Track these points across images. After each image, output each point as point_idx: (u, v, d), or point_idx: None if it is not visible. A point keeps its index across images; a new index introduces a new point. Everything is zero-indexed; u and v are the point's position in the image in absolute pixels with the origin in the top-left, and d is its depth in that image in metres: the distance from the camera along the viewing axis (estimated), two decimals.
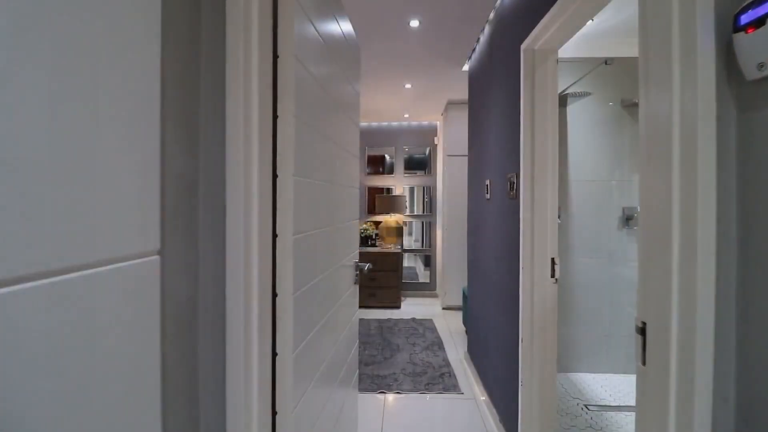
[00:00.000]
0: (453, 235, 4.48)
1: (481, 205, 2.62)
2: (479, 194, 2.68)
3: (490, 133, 2.37)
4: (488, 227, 2.41)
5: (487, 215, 2.42)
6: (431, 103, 4.33)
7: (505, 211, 2.02)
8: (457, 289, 4.48)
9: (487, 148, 2.42)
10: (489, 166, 2.39)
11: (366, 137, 5.16)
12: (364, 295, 4.61)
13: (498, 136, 2.17)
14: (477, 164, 2.75)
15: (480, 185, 2.64)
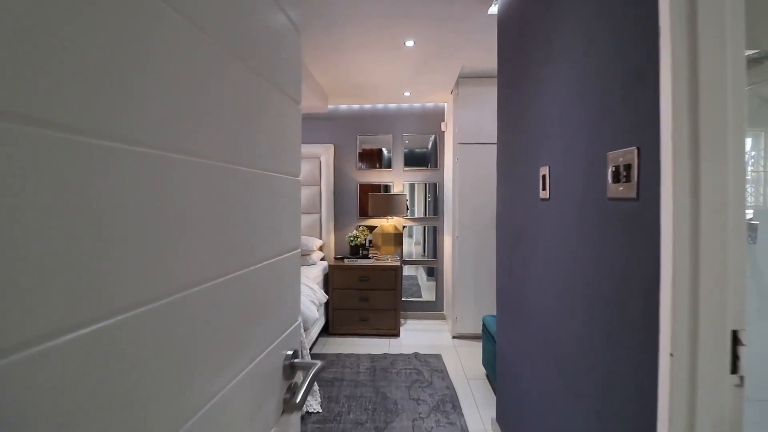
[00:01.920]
0: (467, 245, 3.53)
1: (527, 208, 1.66)
2: (522, 192, 1.72)
3: (549, 94, 1.42)
4: (545, 244, 1.46)
5: (544, 225, 1.47)
6: (438, 76, 3.37)
7: (597, 221, 1.07)
8: (473, 314, 3.52)
9: (544, 118, 1.47)
10: (547, 147, 1.44)
11: (357, 124, 4.21)
12: (353, 321, 3.65)
13: (576, 92, 1.22)
14: (518, 147, 1.80)
15: (524, 178, 1.69)
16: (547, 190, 1.43)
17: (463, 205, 3.54)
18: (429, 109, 4.18)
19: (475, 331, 3.53)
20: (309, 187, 4.13)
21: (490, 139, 3.52)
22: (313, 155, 4.13)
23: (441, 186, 4.17)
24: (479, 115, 3.52)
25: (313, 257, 3.79)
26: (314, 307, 2.82)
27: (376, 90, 3.70)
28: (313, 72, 3.25)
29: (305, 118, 4.23)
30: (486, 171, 3.52)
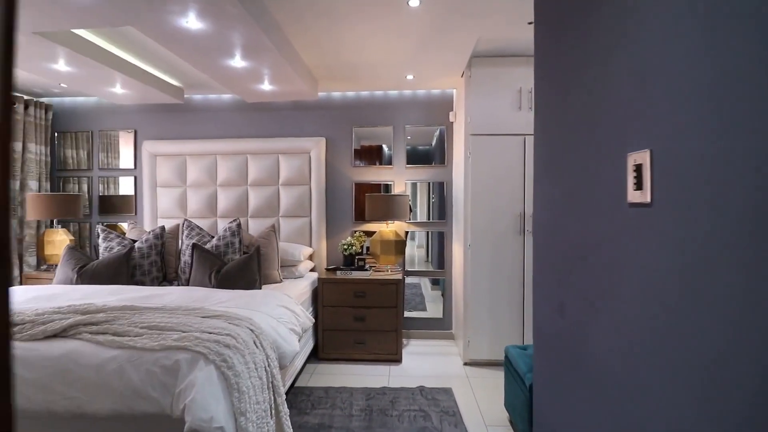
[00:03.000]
0: (482, 255, 2.97)
1: (599, 217, 1.10)
2: (587, 193, 1.16)
3: (654, 30, 0.86)
4: (641, 277, 0.90)
5: (636, 245, 0.92)
6: (448, 54, 2.82)
7: None
8: (489, 338, 2.97)
9: (642, 74, 0.91)
10: (646, 120, 0.88)
11: (352, 113, 3.65)
12: (347, 343, 3.10)
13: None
14: (578, 127, 1.23)
15: (591, 173, 1.13)
16: (647, 190, 0.87)
17: (477, 208, 2.99)
18: (435, 96, 3.62)
19: (490, 358, 2.98)
20: (297, 187, 3.58)
21: (508, 129, 2.97)
22: (302, 150, 3.57)
23: (449, 185, 3.62)
24: (496, 101, 2.97)
25: (301, 269, 3.24)
26: (295, 337, 2.26)
27: (374, 72, 3.14)
28: (298, 48, 2.69)
29: (291, 106, 3.68)
30: (505, 167, 2.97)
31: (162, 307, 2.02)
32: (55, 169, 3.86)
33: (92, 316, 1.84)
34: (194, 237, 2.92)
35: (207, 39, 2.13)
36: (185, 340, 1.67)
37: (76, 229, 3.83)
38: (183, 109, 3.74)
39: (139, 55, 2.83)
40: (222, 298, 2.27)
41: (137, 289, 2.45)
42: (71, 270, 2.66)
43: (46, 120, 3.73)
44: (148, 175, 3.67)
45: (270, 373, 1.85)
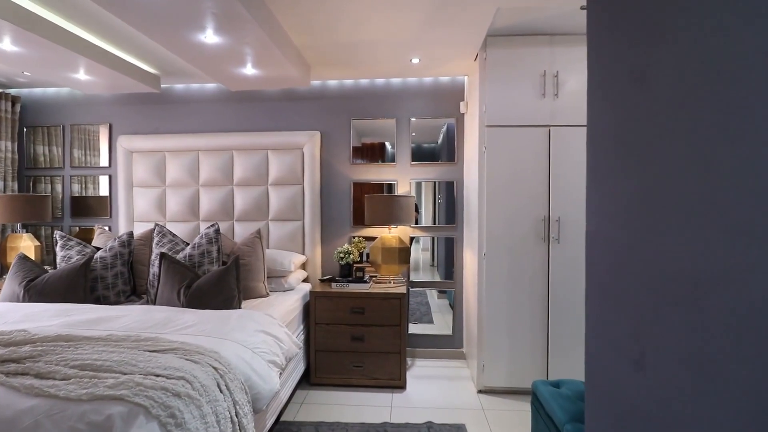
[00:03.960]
0: (499, 266, 2.56)
1: (736, 238, 0.68)
2: (697, 201, 0.74)
3: None
4: None
5: None
6: (459, 33, 2.40)
7: None
8: (507, 362, 2.55)
9: None
10: None
11: (350, 104, 3.25)
12: (343, 366, 2.70)
13: None
14: (698, 106, 0.81)
15: (717, 168, 0.71)
16: None
17: (493, 211, 2.57)
18: (444, 84, 3.21)
19: (509, 386, 2.57)
20: (288, 187, 3.18)
21: (530, 119, 2.55)
22: (294, 145, 3.18)
23: (460, 185, 3.20)
24: (515, 88, 2.55)
25: (291, 280, 2.84)
26: (275, 372, 1.86)
27: (375, 55, 2.73)
28: (286, 27, 2.29)
29: (281, 96, 3.28)
30: (526, 163, 2.55)
31: (107, 336, 1.63)
32: (24, 167, 3.49)
33: (15, 350, 1.46)
34: (165, 245, 2.53)
35: (165, 2, 1.74)
36: (122, 387, 1.28)
37: (48, 233, 3.47)
38: (161, 100, 3.36)
39: (104, 36, 2.45)
40: (188, 321, 1.88)
41: (87, 309, 2.06)
42: (18, 284, 2.28)
43: (14, 113, 3.36)
44: (123, 174, 3.29)
45: (238, 424, 1.45)
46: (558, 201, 2.52)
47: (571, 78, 2.54)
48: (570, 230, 2.52)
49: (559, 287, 2.52)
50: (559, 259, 2.52)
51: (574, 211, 2.52)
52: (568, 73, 2.54)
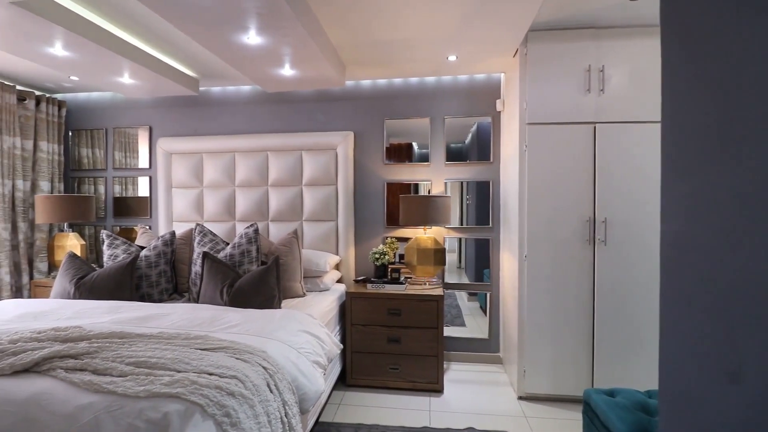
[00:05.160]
0: (542, 268, 2.48)
1: None
2: None
3: None
4: None
5: None
6: (498, 28, 2.34)
7: None
8: (550, 368, 2.46)
9: None
10: None
11: (384, 104, 3.23)
12: (380, 368, 2.67)
13: None
14: None
15: None
16: None
17: (534, 212, 2.49)
18: (479, 82, 3.15)
19: (553, 393, 2.47)
20: (322, 188, 3.18)
21: (574, 116, 2.46)
22: (328, 146, 3.18)
23: (496, 185, 3.13)
24: (558, 84, 2.47)
25: (326, 281, 2.83)
26: (320, 372, 1.85)
27: (411, 53, 2.70)
28: (323, 23, 2.29)
29: (315, 97, 3.29)
30: (570, 161, 2.46)
31: (158, 334, 1.65)
32: (69, 169, 3.63)
33: (72, 346, 1.49)
34: (206, 244, 2.57)
35: (213, 5, 1.76)
36: (178, 385, 1.28)
37: (92, 233, 3.59)
38: (199, 102, 3.43)
39: (147, 40, 2.51)
40: (232, 320, 1.89)
41: (136, 306, 2.10)
42: (69, 281, 2.36)
43: (60, 117, 3.50)
44: (163, 175, 3.38)
45: (287, 424, 1.44)
46: (605, 201, 2.42)
47: (618, 72, 2.43)
48: (618, 232, 2.41)
49: (606, 292, 2.42)
50: (606, 262, 2.42)
51: (624, 212, 2.41)
52: (615, 67, 2.43)
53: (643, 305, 2.38)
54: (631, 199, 2.40)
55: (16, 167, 3.11)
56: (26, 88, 3.34)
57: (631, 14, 2.33)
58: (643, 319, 2.39)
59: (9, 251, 3.05)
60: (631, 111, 2.42)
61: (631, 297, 2.40)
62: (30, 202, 3.24)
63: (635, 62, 2.42)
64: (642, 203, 2.39)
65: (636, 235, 2.39)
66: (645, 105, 2.41)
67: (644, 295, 2.38)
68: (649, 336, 2.38)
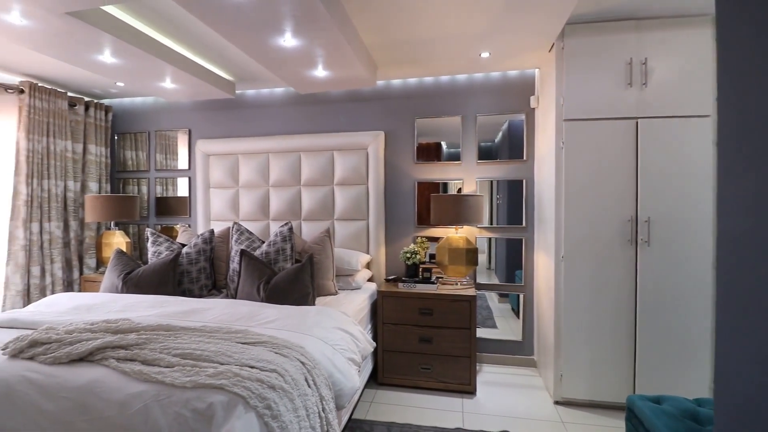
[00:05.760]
0: (580, 270, 2.40)
1: None
2: None
3: None
4: None
5: None
6: (534, 22, 2.28)
7: None
8: (588, 372, 2.38)
9: None
10: None
11: (414, 103, 3.22)
12: (411, 368, 2.66)
13: None
14: None
15: None
16: None
17: (572, 211, 2.42)
18: (512, 79, 3.08)
19: (591, 398, 2.39)
20: (353, 187, 3.21)
21: (614, 111, 2.38)
22: (359, 145, 3.20)
23: (530, 184, 3.05)
24: (597, 78, 2.38)
25: (358, 279, 2.86)
26: (355, 369, 1.86)
27: (444, 51, 2.68)
28: (356, 23, 2.31)
29: (346, 97, 3.33)
30: (610, 159, 2.37)
31: (201, 327, 1.72)
32: (115, 170, 3.83)
33: (123, 337, 1.57)
34: (243, 242, 2.65)
35: (251, 9, 1.81)
36: (222, 377, 1.33)
37: (135, 231, 3.77)
38: (235, 105, 3.54)
39: (188, 45, 2.62)
40: (270, 315, 1.94)
41: (179, 301, 2.19)
42: (117, 276, 2.49)
43: (106, 121, 3.71)
44: (201, 176, 3.51)
45: (325, 419, 1.46)
46: (648, 200, 2.31)
47: (661, 65, 2.32)
48: (663, 232, 2.30)
49: (649, 294, 2.31)
50: (649, 262, 2.31)
51: (669, 211, 2.29)
52: (658, 60, 2.33)
53: (691, 308, 2.26)
54: (677, 197, 2.29)
55: (67, 169, 3.32)
56: (76, 95, 3.55)
57: (674, 4, 2.22)
58: (690, 323, 2.27)
59: (61, 248, 3.26)
60: (676, 105, 2.31)
61: (677, 299, 2.28)
62: (80, 201, 3.44)
63: (680, 54, 2.30)
64: (689, 201, 2.27)
65: (683, 234, 2.28)
66: (691, 98, 2.29)
67: (692, 298, 2.26)
68: (696, 341, 2.26)
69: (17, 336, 1.64)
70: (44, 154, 3.11)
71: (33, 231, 3.02)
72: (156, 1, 2.08)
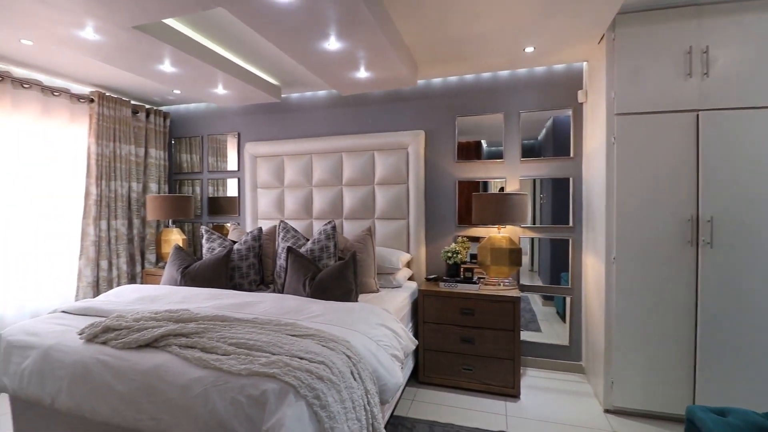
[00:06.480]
0: (633, 273, 2.28)
1: None
2: None
3: None
4: None
5: None
6: (583, 13, 2.19)
7: None
8: (644, 381, 2.26)
9: None
10: None
11: (455, 101, 3.20)
12: (453, 368, 2.65)
13: None
14: None
15: None
16: None
17: (624, 210, 2.30)
18: (558, 73, 2.98)
19: (645, 408, 2.26)
20: (393, 186, 3.24)
21: (672, 104, 2.25)
22: (399, 145, 3.23)
23: (577, 182, 2.94)
24: (652, 69, 2.26)
25: (399, 278, 2.88)
26: (398, 366, 1.89)
27: (486, 47, 2.64)
28: (397, 22, 2.33)
29: (386, 98, 3.36)
30: (667, 155, 2.24)
31: (253, 319, 1.81)
32: (173, 172, 4.10)
33: (183, 326, 1.69)
34: (289, 240, 2.75)
35: (298, 15, 1.88)
36: (274, 366, 1.39)
37: (190, 229, 4.02)
38: (281, 109, 3.68)
39: (237, 52, 2.76)
40: (315, 310, 2.01)
41: (232, 294, 2.32)
42: (176, 270, 2.68)
43: (165, 127, 3.98)
44: (249, 177, 3.68)
45: (370, 412, 1.49)
46: (711, 198, 2.16)
47: (725, 53, 2.16)
48: (728, 232, 2.13)
49: (712, 298, 2.15)
50: (713, 265, 2.16)
51: (736, 210, 2.13)
52: (722, 48, 2.16)
53: (760, 315, 2.09)
54: (744, 195, 2.12)
55: (131, 171, 3.60)
56: (138, 102, 3.84)
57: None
58: (758, 331, 2.09)
59: (126, 244, 3.54)
60: (741, 96, 2.14)
61: (744, 305, 2.11)
62: (142, 201, 3.72)
63: (746, 40, 2.13)
64: (758, 200, 2.10)
65: (750, 236, 2.10)
66: (759, 88, 2.11)
67: (761, 304, 2.09)
68: (766, 350, 2.08)
69: (92, 323, 1.81)
70: (111, 158, 3.40)
71: (102, 228, 3.31)
72: (209, 11, 2.21)
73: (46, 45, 2.48)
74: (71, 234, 3.25)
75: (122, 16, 1.93)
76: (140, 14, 1.91)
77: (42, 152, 3.04)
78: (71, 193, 3.26)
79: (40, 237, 3.03)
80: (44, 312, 2.97)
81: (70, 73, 3.09)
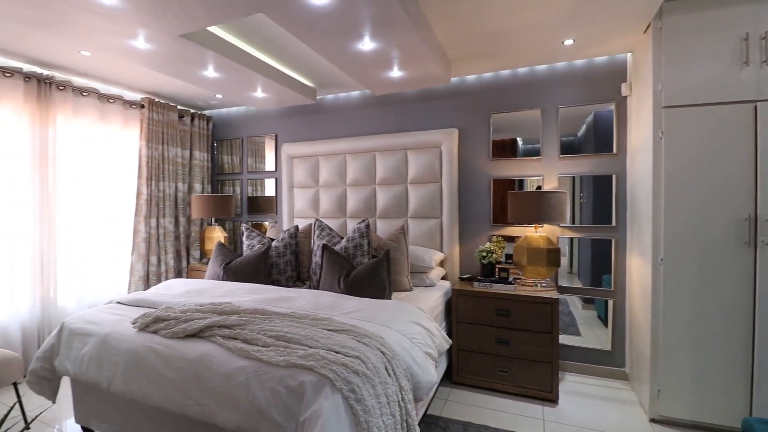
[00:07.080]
0: (683, 275, 2.15)
1: None
2: None
3: None
4: None
5: None
6: (629, 3, 2.09)
7: None
8: (694, 390, 2.13)
9: None
10: None
11: (489, 98, 3.14)
12: (487, 369, 2.61)
13: None
14: None
15: None
16: None
17: (673, 209, 2.18)
18: (599, 66, 2.86)
19: (695, 419, 2.13)
20: (426, 185, 3.23)
21: (726, 95, 2.11)
22: (432, 143, 3.21)
23: (621, 179, 2.81)
24: (704, 58, 2.13)
25: (432, 277, 2.87)
26: (431, 364, 1.88)
27: (522, 41, 2.58)
28: (431, 20, 2.32)
29: (419, 96, 3.36)
30: (721, 149, 2.10)
31: (291, 313, 1.87)
32: (215, 173, 4.30)
33: (226, 318, 1.78)
34: (324, 237, 2.81)
35: (334, 17, 1.92)
36: (311, 359, 1.44)
37: (231, 227, 4.20)
38: (316, 110, 3.77)
39: (275, 55, 2.85)
40: (350, 306, 2.04)
41: (271, 289, 2.41)
42: (219, 266, 2.81)
43: (208, 130, 4.18)
44: (286, 177, 3.80)
45: (404, 409, 1.50)
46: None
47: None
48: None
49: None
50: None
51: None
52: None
53: None
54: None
55: (177, 172, 3.81)
56: (183, 107, 4.05)
57: None
58: None
59: (173, 241, 3.75)
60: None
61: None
62: (187, 200, 3.93)
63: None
64: None
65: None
66: None
67: None
68: None
69: (143, 313, 1.93)
70: (160, 160, 3.61)
71: (151, 225, 3.52)
72: (249, 17, 2.30)
73: (103, 54, 2.68)
74: (124, 232, 3.49)
75: (171, 25, 2.05)
76: (187, 22, 2.03)
77: (99, 156, 3.28)
78: (124, 193, 3.50)
79: (97, 236, 3.28)
80: (101, 303, 3.21)
81: (123, 81, 3.31)
